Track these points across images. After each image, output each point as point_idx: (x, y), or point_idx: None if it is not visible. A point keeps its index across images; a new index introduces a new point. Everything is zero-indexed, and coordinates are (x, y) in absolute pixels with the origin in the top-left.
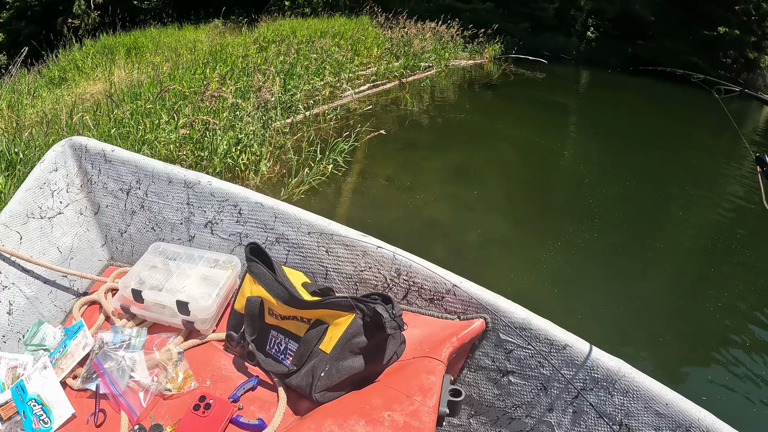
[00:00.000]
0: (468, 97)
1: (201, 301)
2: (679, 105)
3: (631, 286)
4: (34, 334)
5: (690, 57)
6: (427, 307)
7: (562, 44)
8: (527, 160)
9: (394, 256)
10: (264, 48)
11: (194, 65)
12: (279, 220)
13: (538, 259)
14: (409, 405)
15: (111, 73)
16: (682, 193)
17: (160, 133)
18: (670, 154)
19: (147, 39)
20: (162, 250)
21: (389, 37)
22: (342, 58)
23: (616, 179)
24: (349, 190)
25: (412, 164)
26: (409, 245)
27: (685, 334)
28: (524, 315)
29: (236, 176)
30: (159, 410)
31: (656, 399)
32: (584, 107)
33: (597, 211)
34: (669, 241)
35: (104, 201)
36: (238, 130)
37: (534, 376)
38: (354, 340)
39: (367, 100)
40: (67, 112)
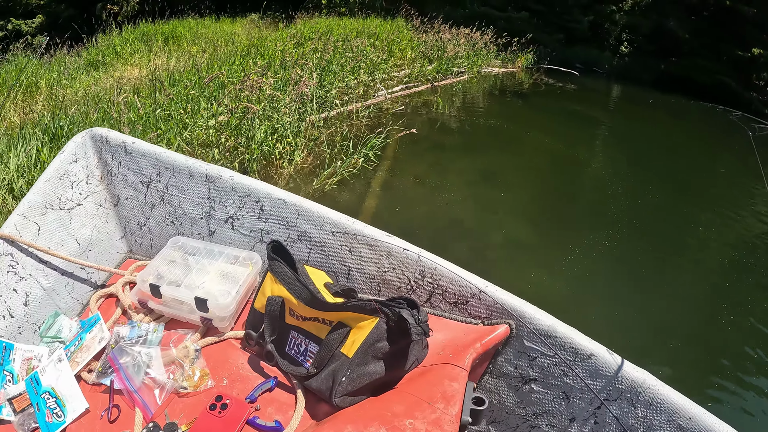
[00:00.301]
0: (498, 104)
1: (220, 299)
2: (710, 126)
3: (648, 296)
4: (50, 326)
5: (722, 77)
6: (451, 310)
7: (594, 57)
8: (553, 168)
9: (419, 258)
10: (301, 44)
11: (233, 56)
12: (302, 217)
13: (558, 263)
14: (431, 413)
15: (149, 60)
16: (705, 211)
17: (199, 119)
18: (696, 173)
19: (185, 29)
20: (181, 244)
21: (423, 40)
22: (377, 59)
23: (639, 192)
24: (377, 184)
25: (440, 165)
26: (432, 242)
27: (702, 348)
28: (550, 322)
29: (271, 164)
30: (174, 408)
31: (680, 413)
32: (614, 121)
33: (619, 222)
34: (689, 256)
35: (124, 193)
36: (275, 120)
37: (557, 384)
38: (377, 344)
39: (400, 101)
40: (112, 92)
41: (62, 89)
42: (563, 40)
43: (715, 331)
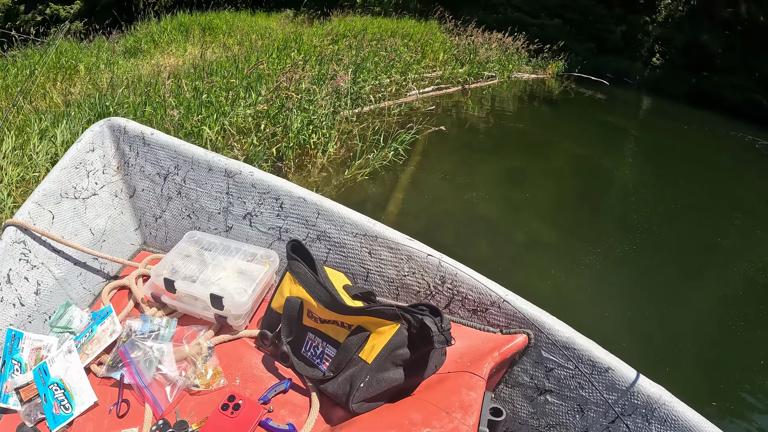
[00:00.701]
0: (527, 109)
1: (236, 297)
2: (741, 144)
3: (660, 303)
4: (61, 316)
5: (754, 94)
6: (470, 318)
7: (626, 68)
8: (579, 174)
9: (440, 263)
10: (336, 41)
11: (270, 49)
12: (322, 216)
13: (578, 265)
14: (449, 422)
15: (185, 50)
16: (728, 227)
17: (238, 107)
18: (722, 190)
19: (221, 21)
20: (197, 239)
21: (456, 43)
22: (410, 59)
23: (662, 204)
24: (406, 178)
25: (467, 164)
26: (457, 236)
27: (717, 362)
28: (569, 333)
29: (305, 153)
30: (185, 406)
31: (694, 430)
32: (642, 133)
33: (639, 230)
34: (707, 270)
35: (140, 184)
36: (311, 111)
37: (572, 397)
38: (397, 351)
39: (431, 101)
40: (152, 77)
41: (100, 74)
42: (595, 49)
43: (732, 345)
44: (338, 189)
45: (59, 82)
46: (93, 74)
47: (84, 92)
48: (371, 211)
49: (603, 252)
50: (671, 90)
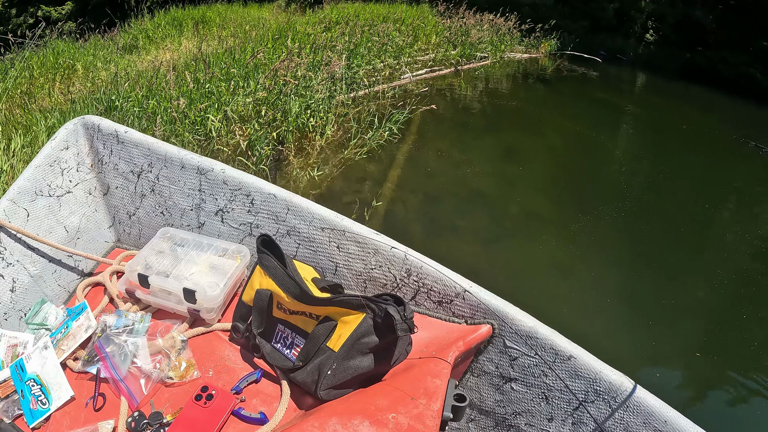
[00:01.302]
0: (520, 87)
1: (208, 290)
2: (735, 118)
3: (645, 266)
4: (36, 313)
5: (748, 68)
6: (436, 309)
7: (619, 45)
8: (573, 149)
9: (406, 257)
10: (329, 28)
11: (265, 39)
12: (291, 212)
13: (570, 235)
14: (414, 408)
15: (179, 44)
16: (721, 199)
17: (239, 95)
18: (716, 165)
19: (214, 14)
20: (170, 235)
21: (448, 26)
22: (402, 43)
23: (656, 176)
24: (402, 156)
25: (462, 142)
26: (454, 208)
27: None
28: (531, 324)
29: (305, 136)
30: (160, 398)
31: (655, 415)
32: (635, 108)
33: (632, 200)
34: (696, 238)
35: (114, 182)
36: (308, 96)
37: (536, 384)
38: (363, 339)
39: (424, 83)
40: (151, 72)
41: (98, 72)
42: (588, 27)
43: (721, 329)
44: (337, 168)
45: (58, 82)
46: (91, 73)
47: (86, 89)
48: (370, 188)
49: (595, 220)
50: (665, 66)
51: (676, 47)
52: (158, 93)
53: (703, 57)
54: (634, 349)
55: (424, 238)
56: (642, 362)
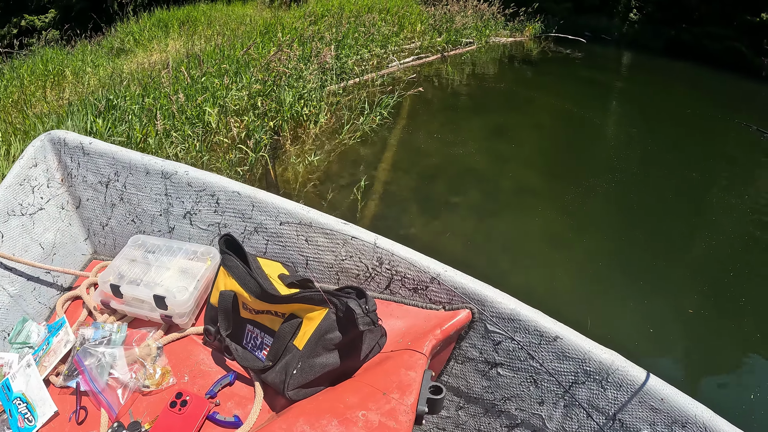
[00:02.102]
0: (507, 70)
1: (178, 295)
2: (720, 92)
3: (639, 241)
4: (19, 332)
5: (733, 42)
6: (411, 297)
7: (603, 25)
8: (561, 126)
9: (375, 245)
10: (315, 22)
11: (253, 35)
12: (257, 209)
13: (563, 206)
14: (386, 403)
15: (166, 45)
16: (708, 169)
17: (231, 89)
18: (703, 137)
19: (199, 13)
20: (142, 242)
21: (432, 13)
22: (388, 32)
23: (643, 149)
24: (395, 140)
25: (452, 123)
26: (449, 186)
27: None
28: (513, 305)
29: (300, 125)
30: (138, 407)
31: (651, 393)
32: (622, 86)
33: (619, 170)
34: (686, 206)
35: (85, 194)
36: (300, 87)
37: (523, 368)
38: (327, 335)
39: (412, 70)
40: (149, 70)
41: (86, 77)
42: (572, 8)
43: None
44: (333, 153)
45: (49, 89)
46: (80, 78)
47: (77, 94)
48: (364, 170)
49: (586, 192)
50: (650, 44)
51: (661, 25)
52: (154, 90)
53: (688, 33)
54: (627, 315)
55: (420, 215)
56: (636, 330)
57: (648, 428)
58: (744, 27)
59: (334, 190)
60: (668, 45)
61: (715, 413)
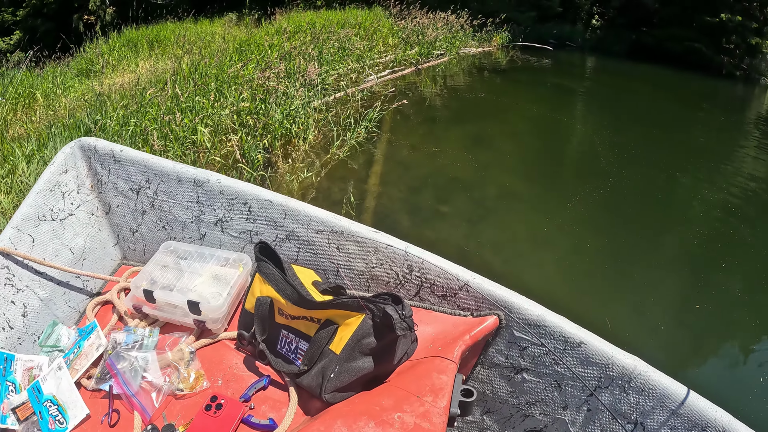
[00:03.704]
0: (479, 80)
1: (212, 301)
2: (684, 90)
3: (622, 234)
4: (49, 336)
5: (694, 43)
6: (440, 303)
7: (567, 32)
8: (537, 131)
9: (406, 253)
10: (289, 38)
11: (226, 53)
12: (289, 217)
13: (545, 208)
14: (420, 406)
15: (136, 65)
16: (682, 163)
17: (220, 108)
18: (674, 131)
19: (168, 32)
20: (173, 249)
21: (403, 26)
22: (363, 47)
23: (616, 147)
24: (380, 154)
25: (432, 134)
26: (436, 197)
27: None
28: (539, 312)
29: (289, 143)
30: (171, 410)
31: (672, 397)
32: (590, 89)
33: (598, 173)
34: (664, 197)
35: (115, 201)
36: (288, 104)
37: (548, 373)
38: (364, 340)
39: (390, 84)
40: (132, 89)
41: (58, 99)
42: (536, 17)
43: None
44: (323, 169)
45: (19, 112)
46: (51, 101)
47: (48, 117)
48: (354, 184)
49: (564, 192)
50: (612, 48)
51: (622, 29)
52: (141, 111)
53: (650, 36)
54: (618, 306)
55: (412, 227)
56: (630, 320)
57: None
58: (703, 28)
59: (327, 206)
60: (631, 48)
61: (733, 417)
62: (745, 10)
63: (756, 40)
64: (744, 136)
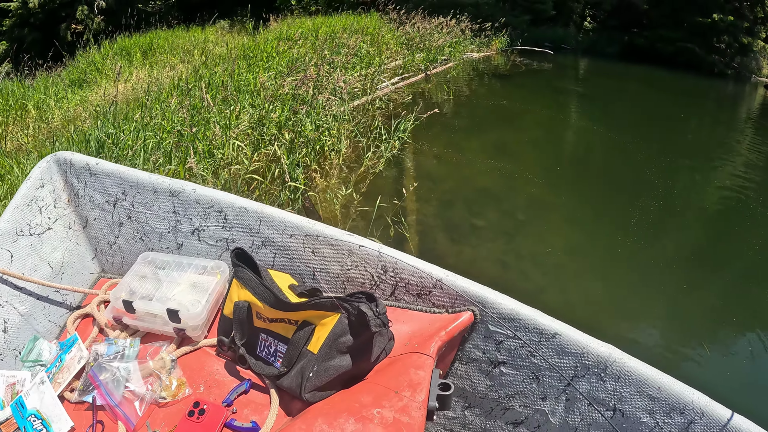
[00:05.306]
0: (487, 86)
1: (191, 308)
2: (680, 90)
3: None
4: (30, 351)
5: (686, 44)
6: (415, 302)
7: (561, 35)
8: (553, 137)
9: (380, 253)
10: (296, 45)
11: (233, 61)
12: (264, 223)
13: (576, 216)
14: (398, 401)
15: (130, 74)
16: (695, 159)
17: (242, 118)
18: (680, 130)
19: (162, 40)
20: (151, 259)
21: (403, 32)
22: (372, 53)
23: (631, 150)
24: (409, 166)
25: (453, 144)
26: (469, 209)
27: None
28: (512, 306)
29: (323, 157)
30: (155, 418)
31: (649, 383)
32: (594, 92)
33: (622, 177)
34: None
35: (92, 214)
36: (317, 115)
37: (525, 366)
38: (340, 339)
39: (406, 90)
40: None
41: (51, 111)
42: (530, 21)
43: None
44: (360, 184)
45: (10, 125)
46: (44, 112)
47: (41, 130)
48: (388, 200)
49: (590, 199)
50: (606, 50)
51: (615, 31)
52: (151, 123)
53: (641, 37)
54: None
55: (451, 244)
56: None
57: (648, 416)
58: (695, 28)
59: (370, 226)
60: (623, 50)
61: (710, 399)
62: (735, 10)
63: (747, 39)
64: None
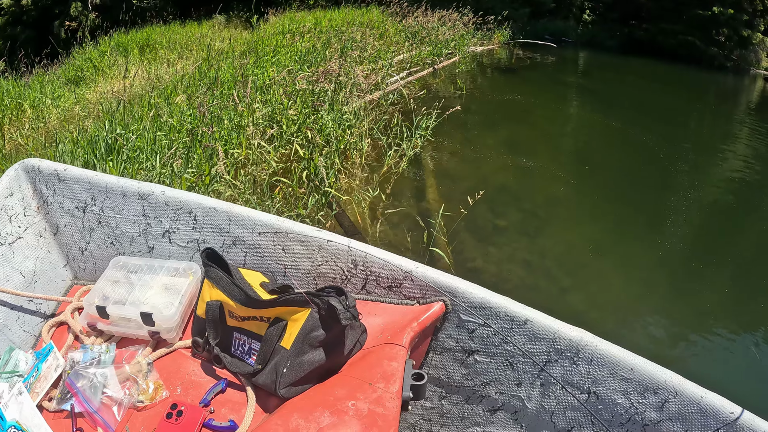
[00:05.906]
0: (494, 80)
1: (164, 311)
2: (687, 83)
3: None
4: (6, 362)
5: (686, 36)
6: (387, 295)
7: (560, 28)
8: (565, 132)
9: (349, 248)
10: (302, 37)
11: (229, 55)
12: (233, 222)
13: (596, 212)
14: (372, 392)
15: (128, 71)
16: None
17: (255, 115)
18: (692, 125)
19: (158, 35)
20: (123, 264)
21: (405, 26)
22: (379, 47)
23: (649, 144)
24: (428, 163)
25: (468, 140)
26: (490, 208)
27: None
28: (483, 294)
29: (346, 157)
30: (134, 422)
31: (621, 365)
32: (598, 86)
33: (633, 170)
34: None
35: (62, 221)
36: (337, 112)
37: (499, 353)
38: (312, 334)
39: (418, 85)
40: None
41: (48, 110)
42: (529, 14)
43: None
44: (385, 185)
45: (6, 125)
46: (40, 111)
47: (35, 132)
48: (413, 201)
49: (609, 194)
50: (606, 43)
51: (614, 24)
52: (158, 122)
53: (641, 30)
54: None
55: (476, 245)
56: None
57: (622, 398)
58: (695, 21)
59: (399, 230)
60: (624, 43)
61: (683, 377)
62: (735, 3)
63: (747, 32)
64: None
